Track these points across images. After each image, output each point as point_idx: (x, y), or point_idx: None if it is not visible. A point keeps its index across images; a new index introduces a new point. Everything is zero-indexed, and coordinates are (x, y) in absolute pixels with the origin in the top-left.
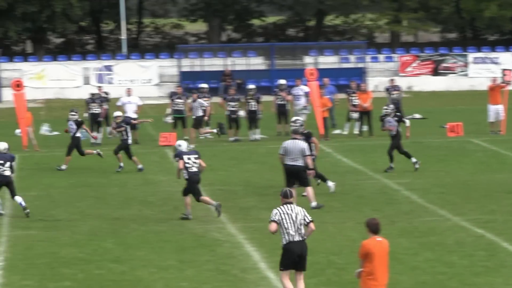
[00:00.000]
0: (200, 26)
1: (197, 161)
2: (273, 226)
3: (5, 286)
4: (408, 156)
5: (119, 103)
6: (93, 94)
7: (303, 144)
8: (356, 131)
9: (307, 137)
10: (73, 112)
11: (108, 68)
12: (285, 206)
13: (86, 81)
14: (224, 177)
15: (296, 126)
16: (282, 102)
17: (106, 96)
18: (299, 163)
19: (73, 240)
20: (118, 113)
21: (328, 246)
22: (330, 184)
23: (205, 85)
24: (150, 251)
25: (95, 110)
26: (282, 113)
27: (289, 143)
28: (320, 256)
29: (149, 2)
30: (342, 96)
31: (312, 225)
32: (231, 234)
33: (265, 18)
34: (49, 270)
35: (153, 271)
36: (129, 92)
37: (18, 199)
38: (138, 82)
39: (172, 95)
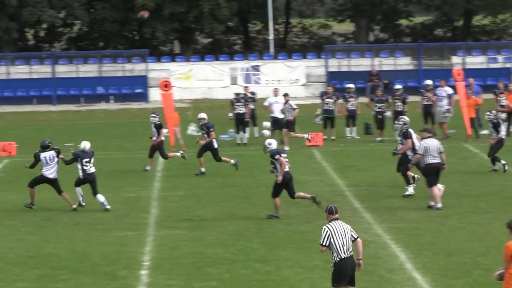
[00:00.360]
0: (347, 26)
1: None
2: (323, 248)
3: (151, 286)
4: None
5: (266, 103)
6: (237, 94)
7: (437, 141)
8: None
9: (405, 137)
10: (154, 114)
11: (255, 68)
12: (332, 223)
13: (233, 81)
14: (371, 177)
15: (400, 124)
16: (428, 103)
17: (252, 96)
18: (438, 160)
19: (219, 240)
20: (202, 115)
21: (475, 247)
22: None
23: (351, 85)
24: (295, 251)
25: (240, 110)
26: (428, 113)
27: (428, 142)
28: (467, 257)
29: (296, 2)
30: (487, 96)
31: (360, 240)
32: (377, 235)
33: (413, 18)
34: (195, 270)
35: (298, 271)
36: (276, 92)
37: (101, 198)
38: (285, 82)
39: (322, 95)
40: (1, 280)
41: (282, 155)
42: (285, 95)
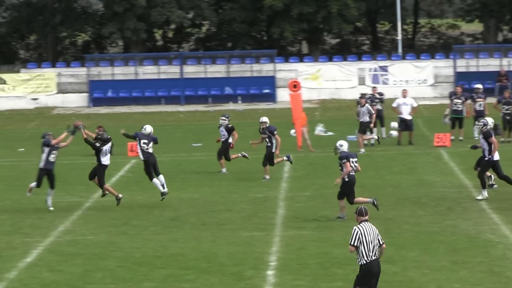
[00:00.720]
0: (476, 27)
1: (357, 164)
2: (352, 249)
3: (278, 286)
4: None
5: (394, 104)
6: (363, 94)
7: None
8: None
9: (486, 137)
10: (224, 117)
11: (383, 68)
12: (362, 224)
13: (361, 82)
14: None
15: (479, 125)
16: None
17: (380, 97)
18: None
19: (345, 240)
20: (264, 119)
21: None
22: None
23: (480, 86)
24: (422, 252)
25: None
26: None
27: None
28: None
29: (425, 2)
30: None
31: (384, 247)
32: (505, 236)
33: None
34: (322, 270)
35: (425, 272)
36: (404, 94)
37: (161, 179)
38: (413, 82)
39: (451, 95)
40: (128, 280)
41: (352, 159)
42: (361, 97)
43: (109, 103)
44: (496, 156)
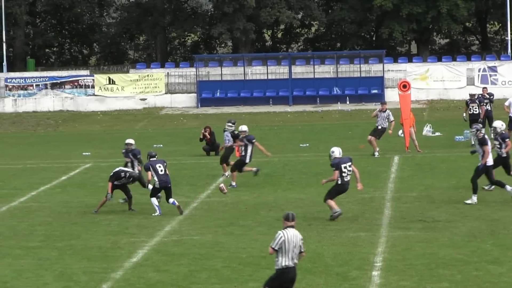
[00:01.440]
0: None
1: (350, 168)
2: (272, 251)
3: (383, 287)
4: None
5: (506, 103)
6: (472, 95)
7: None
8: None
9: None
10: (230, 123)
11: (492, 69)
12: (288, 230)
13: (470, 82)
14: None
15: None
16: None
17: (489, 97)
18: None
19: (451, 241)
20: (243, 128)
21: None
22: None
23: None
24: None
25: (475, 111)
26: None
27: None
28: None
29: None
30: None
31: (303, 255)
32: None
33: None
34: (427, 271)
35: None
36: None
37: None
38: None
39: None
40: (233, 280)
41: (343, 165)
42: (383, 103)
43: (217, 103)
44: (490, 161)
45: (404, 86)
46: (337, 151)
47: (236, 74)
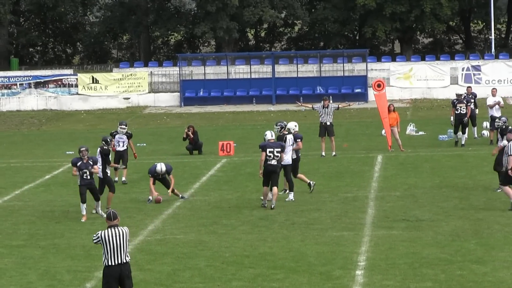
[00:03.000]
0: None
1: (278, 154)
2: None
3: (366, 286)
4: None
5: (491, 102)
6: (459, 95)
7: None
8: None
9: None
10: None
11: (476, 68)
12: (109, 229)
13: (454, 81)
14: None
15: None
16: None
17: (474, 97)
18: None
19: (435, 240)
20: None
21: None
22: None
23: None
24: None
25: (462, 111)
26: None
27: None
28: None
29: None
30: None
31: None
32: None
33: None
34: (411, 271)
35: None
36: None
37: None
38: (505, 82)
39: None
40: (216, 279)
41: (270, 149)
42: (324, 99)
43: (200, 102)
44: None
45: (379, 85)
46: (269, 134)
47: (219, 73)
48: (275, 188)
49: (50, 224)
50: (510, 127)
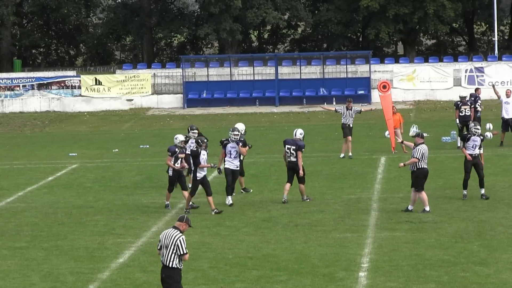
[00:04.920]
0: None
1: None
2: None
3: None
4: None
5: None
6: (463, 97)
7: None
8: None
9: None
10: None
11: (479, 69)
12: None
13: (457, 83)
14: None
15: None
16: None
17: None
18: None
19: (438, 242)
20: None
21: None
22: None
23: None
24: None
25: (467, 113)
26: None
27: (424, 147)
28: None
29: None
30: None
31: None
32: None
33: None
34: (414, 272)
35: None
36: (508, 94)
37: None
38: (509, 83)
39: None
40: (220, 280)
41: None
42: (349, 101)
43: (203, 104)
44: None
45: (384, 86)
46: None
47: (222, 75)
48: (301, 185)
49: (53, 226)
50: None
